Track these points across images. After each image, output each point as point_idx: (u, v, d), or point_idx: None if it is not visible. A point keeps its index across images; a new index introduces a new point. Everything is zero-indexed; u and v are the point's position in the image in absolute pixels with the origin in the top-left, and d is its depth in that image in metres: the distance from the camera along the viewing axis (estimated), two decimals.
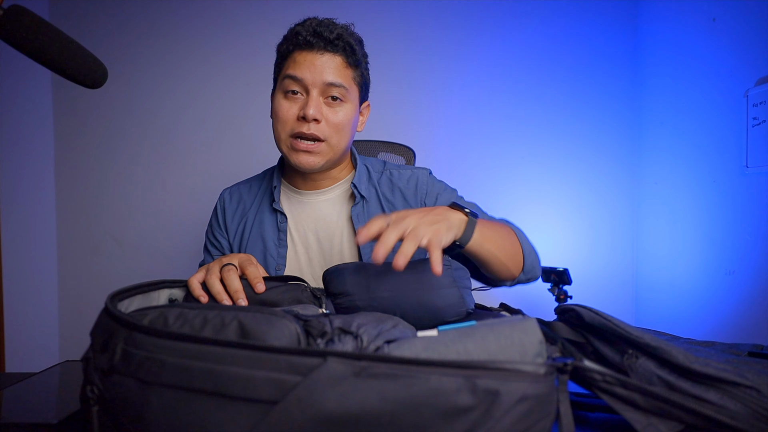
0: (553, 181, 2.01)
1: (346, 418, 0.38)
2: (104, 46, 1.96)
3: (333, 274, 0.75)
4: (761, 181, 1.42)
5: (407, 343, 0.47)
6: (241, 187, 1.15)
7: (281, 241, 1.06)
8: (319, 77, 0.94)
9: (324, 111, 0.96)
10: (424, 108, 2.02)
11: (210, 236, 1.15)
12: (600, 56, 2.01)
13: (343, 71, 0.96)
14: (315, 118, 0.94)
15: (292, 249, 1.06)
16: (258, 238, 1.06)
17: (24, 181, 1.89)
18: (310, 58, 0.94)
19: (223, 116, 2.00)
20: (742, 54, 1.50)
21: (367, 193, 1.05)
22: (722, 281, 1.56)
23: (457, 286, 0.72)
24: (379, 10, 1.98)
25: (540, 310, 1.93)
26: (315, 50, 0.94)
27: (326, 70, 0.95)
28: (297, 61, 0.95)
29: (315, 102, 0.94)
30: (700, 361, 0.48)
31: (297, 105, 0.96)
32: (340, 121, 0.97)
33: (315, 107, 0.94)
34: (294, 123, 0.96)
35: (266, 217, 1.07)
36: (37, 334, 1.95)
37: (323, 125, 0.96)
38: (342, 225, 1.05)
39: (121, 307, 0.58)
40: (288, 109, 0.96)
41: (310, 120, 0.94)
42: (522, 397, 0.39)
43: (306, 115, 0.93)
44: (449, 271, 0.72)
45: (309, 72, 0.94)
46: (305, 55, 0.95)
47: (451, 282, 0.71)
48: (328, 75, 0.95)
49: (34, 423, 0.62)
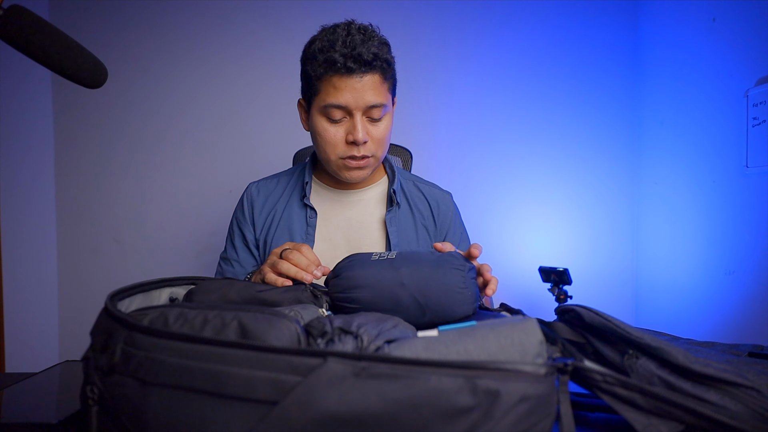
0: (553, 181, 2.01)
1: (346, 418, 0.38)
2: (104, 46, 1.96)
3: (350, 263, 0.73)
4: (761, 181, 1.42)
5: (407, 343, 0.47)
6: (269, 181, 1.16)
7: (309, 236, 1.08)
8: (361, 101, 0.94)
9: (368, 129, 0.98)
10: (422, 108, 2.02)
11: (235, 228, 1.15)
12: (600, 56, 2.01)
13: (381, 88, 0.97)
14: (364, 141, 0.96)
15: (319, 245, 1.08)
16: (285, 231, 1.08)
17: (24, 181, 1.89)
18: (350, 83, 0.93)
19: (223, 116, 2.00)
20: (742, 54, 1.50)
21: (401, 200, 1.10)
22: (722, 281, 1.56)
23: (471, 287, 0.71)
24: (379, 10, 1.98)
25: (540, 310, 1.93)
26: (354, 75, 0.93)
27: (367, 92, 0.94)
28: (338, 88, 0.94)
29: (361, 125, 0.96)
30: (700, 362, 0.48)
31: (343, 128, 0.97)
32: (383, 136, 1.00)
33: (363, 131, 0.96)
34: (344, 147, 0.98)
35: (295, 211, 1.09)
36: (37, 334, 1.95)
37: (370, 143, 0.98)
38: (374, 226, 1.08)
39: (121, 306, 0.58)
40: (335, 133, 0.97)
41: (360, 144, 0.96)
42: (522, 398, 0.39)
43: (356, 140, 0.95)
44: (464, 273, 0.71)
45: (351, 97, 0.94)
46: (345, 80, 0.93)
47: (469, 282, 0.71)
48: (370, 97, 0.95)
49: (34, 423, 0.62)
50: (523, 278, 1.95)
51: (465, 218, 1.21)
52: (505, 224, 1.99)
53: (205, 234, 2.00)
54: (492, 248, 2.00)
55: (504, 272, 1.97)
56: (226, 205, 1.89)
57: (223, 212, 1.95)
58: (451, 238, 1.11)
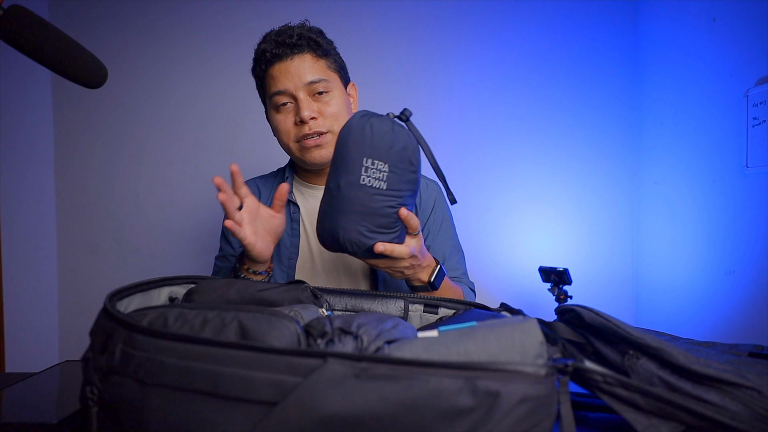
0: (553, 181, 2.01)
1: (346, 419, 0.38)
2: (104, 46, 1.96)
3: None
4: (761, 181, 1.42)
5: (407, 344, 0.47)
6: (257, 180, 1.20)
7: (294, 231, 1.10)
8: (298, 80, 1.00)
9: (316, 107, 1.01)
10: (422, 108, 2.02)
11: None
12: (600, 56, 2.01)
13: (317, 65, 1.02)
14: (312, 117, 1.00)
15: (305, 239, 1.11)
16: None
17: (24, 181, 1.89)
18: (283, 68, 1.00)
19: (223, 116, 2.00)
20: (742, 54, 1.50)
21: None
22: (722, 281, 1.56)
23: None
24: (379, 10, 1.98)
25: (540, 310, 1.93)
26: (285, 59, 1.00)
27: (301, 71, 1.00)
28: (274, 77, 1.01)
29: (305, 103, 1.00)
30: (700, 362, 0.48)
31: (291, 113, 1.02)
32: (335, 110, 1.03)
33: (307, 108, 1.00)
34: (295, 130, 1.02)
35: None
36: (37, 334, 1.95)
37: (321, 120, 1.01)
38: None
39: (120, 306, 0.57)
40: (284, 120, 1.03)
41: (307, 121, 1.00)
42: (523, 399, 0.39)
43: (303, 118, 0.99)
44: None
45: (288, 80, 1.00)
46: (278, 67, 1.00)
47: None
48: (306, 75, 1.00)
49: (34, 423, 0.62)
50: (523, 278, 1.95)
51: (465, 218, 1.22)
52: (505, 224, 1.99)
53: (205, 234, 2.00)
54: (492, 248, 2.00)
55: (504, 272, 1.97)
56: None
57: (223, 212, 1.95)
58: (431, 224, 1.13)
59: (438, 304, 0.76)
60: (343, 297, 0.77)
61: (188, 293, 0.70)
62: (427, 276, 0.88)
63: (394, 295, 0.77)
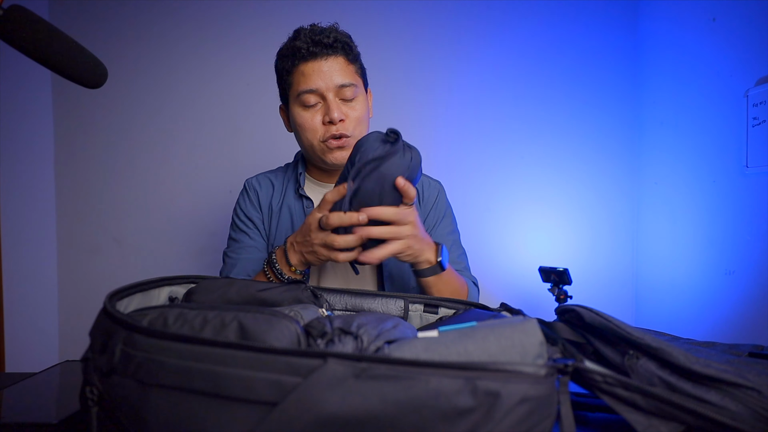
0: (553, 181, 2.01)
1: (346, 419, 0.38)
2: (104, 46, 1.96)
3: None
4: (761, 181, 1.42)
5: (407, 344, 0.47)
6: (263, 177, 1.19)
7: None
8: (330, 82, 1.01)
9: (344, 110, 1.03)
10: (422, 108, 2.02)
11: (242, 217, 1.16)
12: (600, 56, 2.01)
13: (347, 69, 1.03)
14: (341, 119, 1.01)
15: None
16: (286, 222, 1.12)
17: (24, 181, 1.89)
18: (316, 66, 1.01)
19: (224, 116, 2.00)
20: (742, 54, 1.50)
21: None
22: (722, 281, 1.56)
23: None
24: (379, 10, 1.98)
25: (540, 310, 1.93)
26: (319, 58, 1.00)
27: (334, 73, 1.01)
28: (306, 74, 1.01)
29: (335, 105, 1.01)
30: (701, 362, 0.48)
31: (319, 113, 1.03)
32: (360, 115, 1.05)
33: (337, 110, 1.01)
34: (322, 129, 1.03)
35: (292, 203, 1.13)
36: (37, 334, 1.95)
37: (347, 123, 1.03)
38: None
39: (120, 306, 0.57)
40: (312, 118, 1.03)
41: (336, 123, 1.01)
42: (523, 399, 0.39)
43: (332, 119, 1.01)
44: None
45: (321, 80, 1.00)
46: (311, 65, 1.01)
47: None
48: (338, 77, 1.01)
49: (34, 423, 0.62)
50: (523, 278, 1.95)
51: (465, 218, 1.22)
52: (505, 224, 1.99)
53: (205, 234, 2.00)
54: (492, 248, 2.00)
55: (504, 272, 1.97)
56: (226, 205, 1.89)
57: (223, 212, 1.95)
58: (432, 218, 1.14)
59: (438, 304, 0.76)
60: (343, 297, 0.77)
61: (188, 293, 0.70)
62: (434, 255, 0.88)
63: (394, 294, 0.77)
